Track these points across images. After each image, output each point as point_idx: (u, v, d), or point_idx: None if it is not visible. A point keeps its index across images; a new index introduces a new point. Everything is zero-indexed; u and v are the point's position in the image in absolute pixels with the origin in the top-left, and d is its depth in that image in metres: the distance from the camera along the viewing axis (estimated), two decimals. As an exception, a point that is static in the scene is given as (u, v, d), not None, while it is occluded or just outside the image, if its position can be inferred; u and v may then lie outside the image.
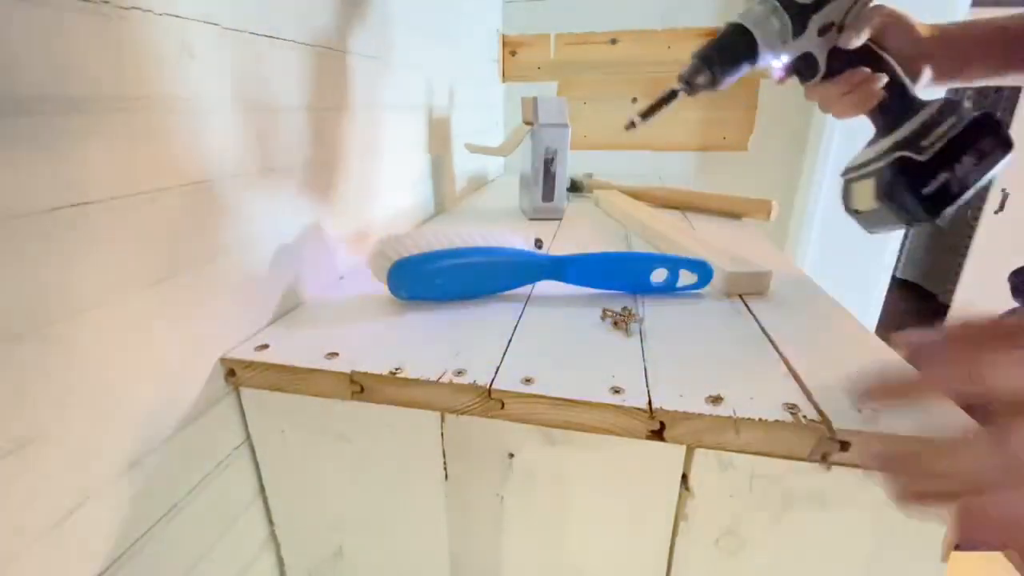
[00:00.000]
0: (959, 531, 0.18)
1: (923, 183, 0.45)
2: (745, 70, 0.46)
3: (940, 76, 0.50)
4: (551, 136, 0.74)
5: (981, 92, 2.24)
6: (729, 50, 0.46)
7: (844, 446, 0.28)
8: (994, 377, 0.18)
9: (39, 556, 0.25)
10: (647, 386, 0.32)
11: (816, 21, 0.45)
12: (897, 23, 0.49)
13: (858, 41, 0.46)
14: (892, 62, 0.47)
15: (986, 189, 0.50)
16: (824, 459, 0.29)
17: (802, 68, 0.48)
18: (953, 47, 0.49)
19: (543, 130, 0.73)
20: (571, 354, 0.36)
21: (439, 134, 0.79)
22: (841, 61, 0.47)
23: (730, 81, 0.47)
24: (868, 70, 0.47)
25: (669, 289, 0.46)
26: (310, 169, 0.45)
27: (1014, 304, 0.56)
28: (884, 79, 0.47)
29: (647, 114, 0.49)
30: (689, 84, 0.47)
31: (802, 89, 0.51)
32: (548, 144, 0.75)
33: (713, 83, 0.47)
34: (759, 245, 0.64)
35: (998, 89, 2.05)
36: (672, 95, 0.48)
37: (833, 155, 1.25)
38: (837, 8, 0.45)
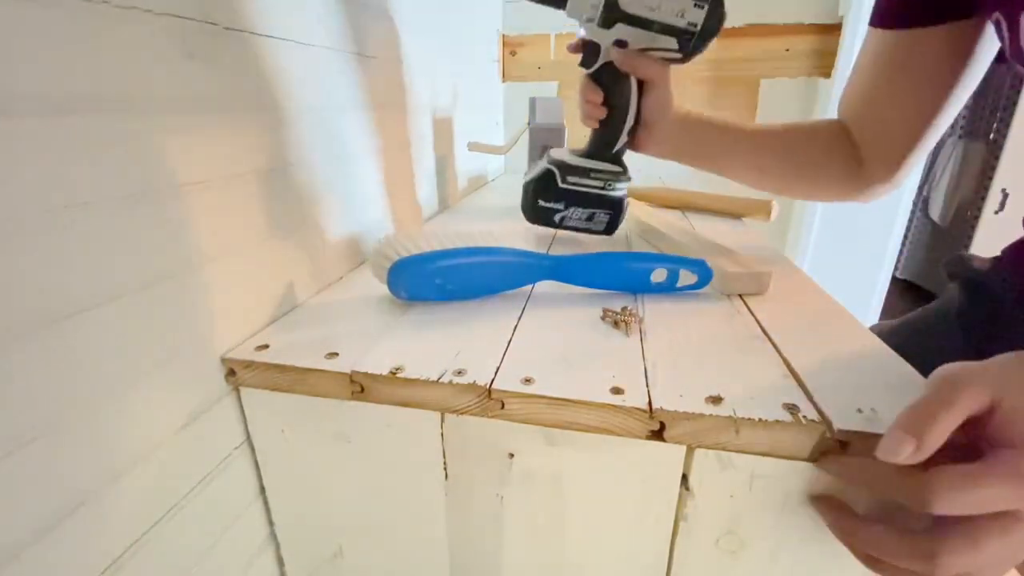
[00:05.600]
0: None
1: (544, 198, 0.56)
2: (549, 6, 0.48)
3: (660, 150, 0.56)
4: (546, 136, 0.74)
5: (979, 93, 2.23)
6: None
7: (844, 446, 0.28)
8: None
9: (39, 556, 0.25)
10: (647, 386, 0.32)
11: (619, 31, 0.48)
12: (658, 85, 0.51)
13: (622, 69, 0.50)
14: (629, 109, 0.52)
15: (592, 219, 0.59)
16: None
17: (586, 55, 0.51)
18: (675, 134, 0.55)
19: (539, 130, 0.73)
20: (571, 354, 0.36)
21: (442, 134, 0.79)
22: (605, 74, 0.51)
23: None
24: (601, 96, 0.51)
25: (669, 289, 0.46)
26: (310, 168, 0.45)
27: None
28: (603, 113, 0.52)
29: None
30: None
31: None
32: (543, 143, 0.75)
33: None
34: (759, 245, 0.64)
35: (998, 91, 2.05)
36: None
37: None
38: (636, 35, 0.48)
